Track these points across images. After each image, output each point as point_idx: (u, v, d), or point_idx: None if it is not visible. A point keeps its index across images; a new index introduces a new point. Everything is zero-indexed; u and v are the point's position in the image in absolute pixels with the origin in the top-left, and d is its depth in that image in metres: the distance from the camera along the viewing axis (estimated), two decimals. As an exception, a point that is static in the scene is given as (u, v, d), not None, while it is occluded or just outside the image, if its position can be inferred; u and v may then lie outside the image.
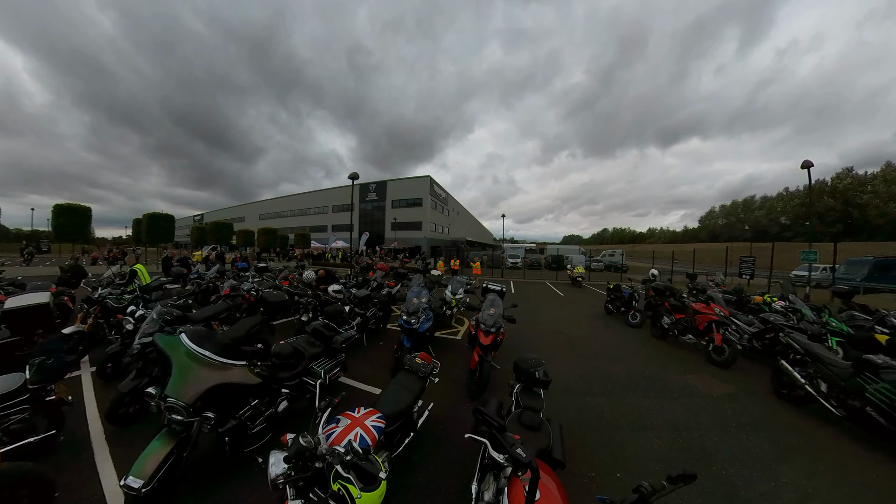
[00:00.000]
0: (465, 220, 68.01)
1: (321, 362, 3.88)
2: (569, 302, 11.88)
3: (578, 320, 8.82)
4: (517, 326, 7.65)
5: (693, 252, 20.12)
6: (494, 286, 7.30)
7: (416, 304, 4.99)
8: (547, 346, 6.38)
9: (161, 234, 24.21)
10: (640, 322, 8.15)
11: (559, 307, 10.74)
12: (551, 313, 9.64)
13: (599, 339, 7.01)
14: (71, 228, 21.73)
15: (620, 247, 72.78)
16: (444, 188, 51.34)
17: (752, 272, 15.49)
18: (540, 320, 8.58)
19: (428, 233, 43.44)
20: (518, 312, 9.52)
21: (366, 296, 6.36)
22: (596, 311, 10.09)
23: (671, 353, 6.17)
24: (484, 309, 4.61)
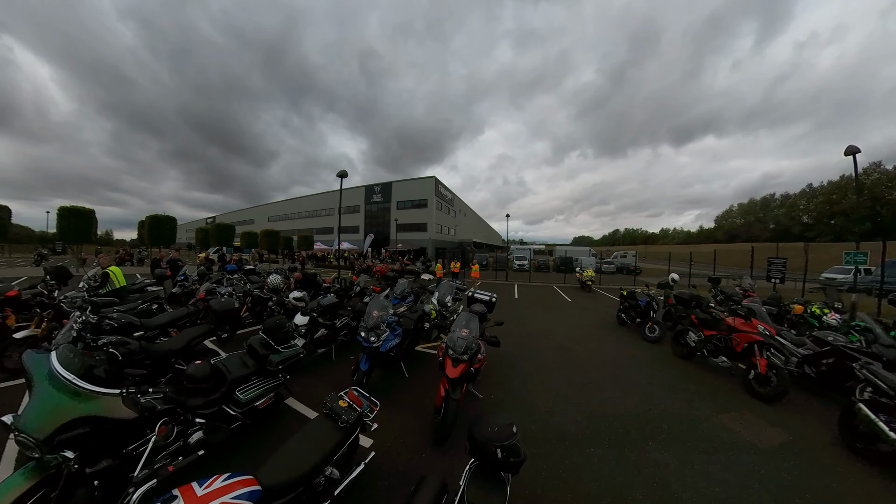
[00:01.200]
0: (472, 221, 66.99)
1: (252, 386, 3.24)
2: (577, 309, 10.80)
3: (587, 332, 7.76)
4: (514, 340, 6.73)
5: (713, 253, 18.64)
6: (482, 295, 6.38)
7: (375, 318, 4.10)
8: (547, 368, 5.35)
9: (163, 235, 24.15)
10: (659, 336, 7.06)
11: (566, 315, 9.68)
12: (556, 323, 8.60)
13: (611, 358, 5.95)
14: (75, 230, 21.83)
15: (633, 248, 70.61)
16: (450, 189, 50.51)
17: (782, 275, 14.06)
18: (542, 332, 7.56)
19: (433, 234, 42.64)
20: (519, 321, 8.57)
21: (333, 304, 5.48)
22: (607, 321, 9.00)
23: (699, 379, 5.08)
24: (454, 329, 3.63)
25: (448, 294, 6.56)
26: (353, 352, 5.60)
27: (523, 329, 7.76)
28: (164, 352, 3.91)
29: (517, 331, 7.56)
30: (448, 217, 49.87)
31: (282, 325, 3.90)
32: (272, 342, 3.74)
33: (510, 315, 9.33)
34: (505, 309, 10.22)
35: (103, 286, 6.70)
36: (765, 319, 4.83)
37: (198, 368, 2.89)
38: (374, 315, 4.12)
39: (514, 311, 10.00)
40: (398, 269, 20.81)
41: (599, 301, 12.89)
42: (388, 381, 4.63)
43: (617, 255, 39.58)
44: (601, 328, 8.26)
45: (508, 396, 4.27)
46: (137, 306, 5.85)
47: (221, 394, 2.95)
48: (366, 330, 4.05)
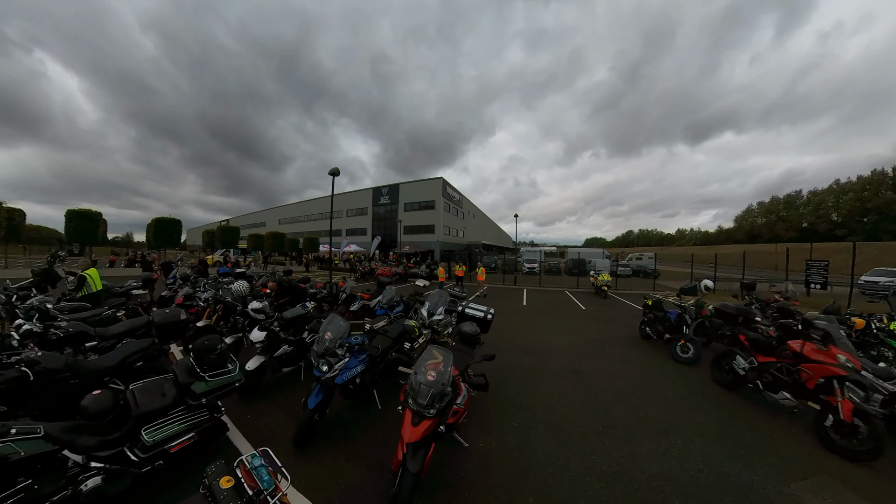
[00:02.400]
0: (481, 222, 65.89)
1: (167, 422, 2.64)
2: (592, 319, 9.71)
3: (604, 350, 6.70)
4: (518, 359, 5.76)
5: (742, 254, 17.17)
6: (475, 310, 5.40)
7: (329, 342, 3.24)
8: (555, 400, 4.34)
9: (168, 237, 24.22)
10: (694, 357, 5.97)
11: (579, 327, 8.62)
12: (568, 336, 7.56)
13: (636, 387, 4.90)
14: (82, 232, 22.29)
15: (649, 249, 68.33)
16: (458, 190, 49.63)
17: (824, 280, 12.62)
18: (552, 348, 6.55)
19: (441, 236, 41.80)
20: (525, 334, 7.50)
21: (298, 316, 4.65)
22: (628, 335, 7.91)
23: (755, 422, 3.99)
24: (417, 368, 2.61)
25: (440, 305, 5.64)
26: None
27: (529, 344, 6.77)
28: (93, 370, 3.26)
29: (522, 346, 6.58)
30: (456, 219, 48.97)
31: (212, 346, 3.07)
32: (198, 368, 2.95)
33: (516, 325, 8.33)
34: (511, 318, 9.23)
35: (79, 290, 6.55)
36: (847, 347, 3.73)
37: (94, 400, 2.39)
38: (327, 338, 3.26)
39: (521, 321, 8.99)
40: (401, 272, 20.05)
41: (617, 309, 11.73)
42: (353, 414, 3.78)
43: (632, 257, 37.89)
44: (621, 344, 7.19)
45: (502, 447, 3.31)
46: (101, 313, 5.26)
47: (123, 433, 2.41)
48: (316, 356, 3.20)
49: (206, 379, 2.95)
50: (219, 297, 6.69)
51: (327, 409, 3.35)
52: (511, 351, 6.23)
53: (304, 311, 4.70)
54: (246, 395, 4.21)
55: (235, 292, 5.76)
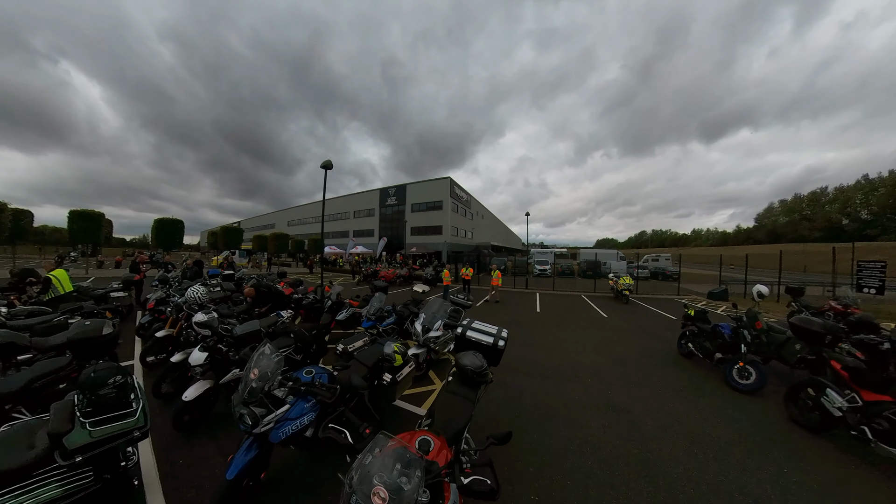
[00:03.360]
0: (490, 223, 64.66)
1: (30, 488, 1.84)
2: (617, 330, 8.51)
3: (640, 372, 5.54)
4: (535, 385, 4.58)
5: (780, 255, 15.59)
6: (481, 333, 3.61)
7: (256, 381, 2.26)
8: (586, 454, 3.24)
9: (170, 238, 24.03)
10: (757, 384, 4.77)
11: (604, 339, 7.44)
12: (593, 353, 6.40)
13: (693, 432, 3.73)
14: (85, 233, 22.33)
15: (665, 250, 66.03)
16: (466, 190, 48.57)
17: (881, 283, 11.10)
18: (575, 369, 5.41)
19: (448, 237, 40.77)
20: (542, 349, 6.19)
21: (252, 333, 3.67)
22: (663, 352, 6.72)
23: (872, 493, 2.84)
24: (363, 469, 1.39)
25: (437, 318, 4.59)
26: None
27: (548, 364, 5.65)
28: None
29: (539, 366, 5.47)
30: (464, 219, 47.90)
31: (102, 379, 2.11)
32: (79, 411, 2.02)
33: (530, 338, 7.21)
34: (524, 328, 8.11)
35: (45, 292, 6.22)
36: None
37: None
38: (254, 377, 2.25)
39: (536, 332, 7.86)
40: (406, 274, 19.07)
41: (643, 316, 10.47)
42: (305, 475, 2.75)
43: (648, 259, 36.12)
44: (659, 363, 6.00)
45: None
46: (51, 319, 4.67)
47: None
48: (242, 402, 2.19)
49: (87, 426, 2.01)
50: (182, 303, 5.84)
51: (262, 474, 2.35)
52: (525, 374, 5.13)
53: (257, 328, 3.71)
54: (186, 429, 3.31)
55: (188, 299, 4.85)
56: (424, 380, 4.66)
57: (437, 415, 2.29)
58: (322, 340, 4.82)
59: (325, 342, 4.92)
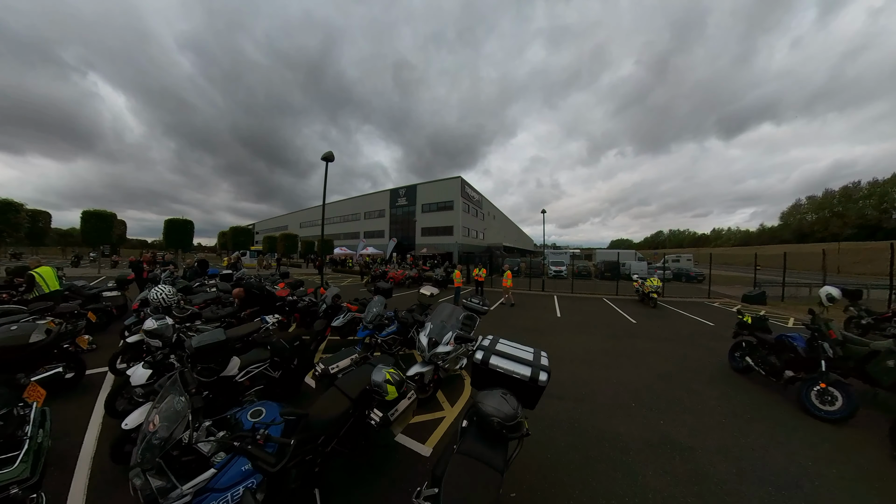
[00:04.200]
0: (501, 224, 63.51)
1: None
2: (650, 337, 7.53)
3: (690, 391, 4.59)
4: (567, 414, 3.52)
5: (822, 254, 14.17)
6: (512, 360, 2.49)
7: (158, 434, 1.53)
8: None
9: (180, 238, 24.15)
10: (846, 411, 3.80)
11: (639, 351, 6.48)
12: (630, 368, 5.47)
13: (778, 478, 2.83)
14: (97, 233, 22.64)
15: (685, 251, 63.55)
16: (477, 190, 47.68)
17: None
18: (614, 390, 4.51)
19: (460, 238, 39.95)
20: (568, 365, 5.41)
21: (214, 345, 2.93)
22: (709, 362, 5.76)
23: None
24: None
25: (447, 329, 3.80)
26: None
27: (580, 382, 4.77)
28: None
29: (570, 386, 4.58)
30: (475, 220, 47.00)
31: None
32: None
33: (554, 348, 6.31)
34: (546, 336, 7.22)
35: (29, 290, 6.11)
36: None
37: None
38: (153, 428, 1.51)
39: (560, 342, 6.96)
40: (415, 275, 18.33)
41: (675, 322, 9.41)
42: None
43: (668, 259, 34.47)
44: (711, 380, 5.04)
45: None
46: (18, 320, 4.16)
47: None
48: (138, 466, 1.45)
49: None
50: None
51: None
52: (555, 396, 4.27)
53: (223, 338, 2.97)
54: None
55: (150, 300, 4.22)
56: (431, 403, 3.87)
57: (447, 491, 1.50)
58: (307, 353, 4.08)
59: (310, 354, 4.18)
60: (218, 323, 5.82)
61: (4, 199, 20.91)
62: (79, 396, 3.94)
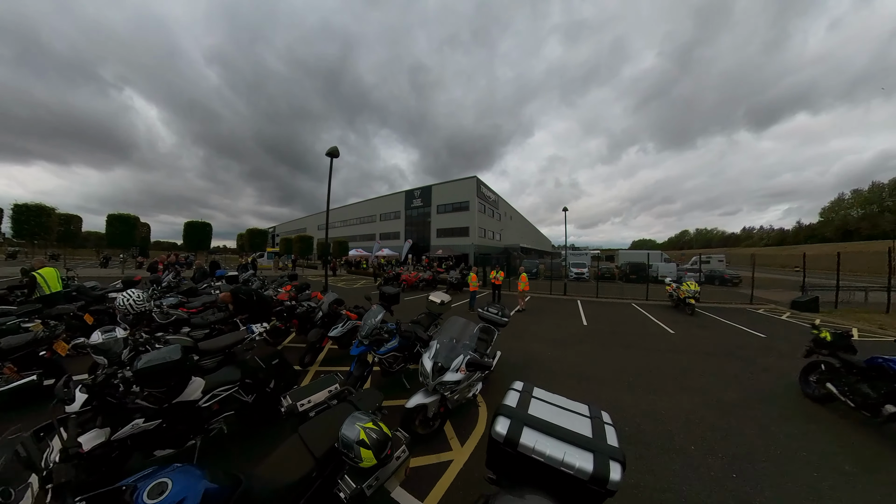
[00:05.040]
0: (519, 224, 62.18)
1: None
2: (694, 351, 6.57)
3: (762, 428, 3.69)
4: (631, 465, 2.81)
5: (888, 251, 12.51)
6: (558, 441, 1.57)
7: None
8: None
9: (199, 240, 24.81)
10: None
11: (684, 370, 5.57)
12: (679, 394, 4.59)
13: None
14: (121, 235, 23.65)
15: (715, 251, 60.25)
16: (493, 190, 46.74)
17: None
18: (665, 427, 3.67)
19: (476, 239, 39.16)
20: (608, 388, 4.35)
21: (163, 366, 2.35)
22: (772, 385, 4.80)
23: None
24: None
25: (457, 352, 3.10)
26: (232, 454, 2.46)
27: (623, 417, 3.93)
28: None
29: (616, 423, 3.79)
30: (492, 220, 46.05)
31: None
32: None
33: (585, 367, 5.48)
34: (572, 349, 6.37)
35: (31, 291, 6.10)
36: None
37: None
38: None
39: (590, 358, 6.12)
40: (429, 278, 17.72)
41: (719, 333, 8.34)
42: None
43: (697, 260, 32.36)
44: (784, 412, 4.11)
45: None
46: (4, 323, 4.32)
47: None
48: None
49: None
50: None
51: None
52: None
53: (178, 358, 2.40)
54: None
55: (118, 307, 3.82)
56: (436, 440, 3.19)
57: None
58: (288, 372, 3.52)
59: (291, 375, 3.61)
60: (207, 330, 5.39)
61: (37, 204, 21.88)
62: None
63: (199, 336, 5.25)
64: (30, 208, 21.87)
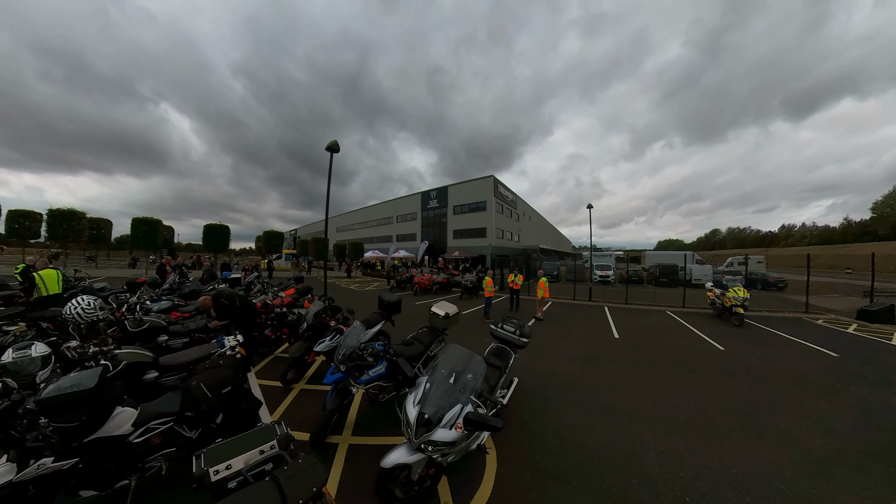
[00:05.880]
0: (538, 225, 60.44)
1: None
2: (753, 376, 5.41)
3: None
4: None
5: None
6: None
7: None
8: None
9: (218, 242, 25.24)
10: None
11: (748, 403, 4.46)
12: (752, 443, 3.52)
13: None
14: (144, 238, 24.43)
15: (751, 251, 56.29)
16: (511, 189, 45.47)
17: None
18: (739, 492, 2.70)
19: (493, 240, 38.08)
20: (652, 423, 3.22)
21: (78, 395, 1.71)
22: (877, 431, 3.64)
23: None
24: None
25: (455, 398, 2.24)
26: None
27: (676, 478, 2.96)
28: None
29: (662, 487, 2.82)
30: (510, 221, 44.79)
31: None
32: None
33: (623, 396, 4.46)
34: (606, 372, 5.32)
35: (30, 293, 6.20)
36: None
37: None
38: None
39: (630, 384, 5.11)
40: (442, 281, 16.90)
41: (779, 351, 7.07)
42: None
43: (733, 262, 29.84)
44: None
45: None
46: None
47: None
48: None
49: None
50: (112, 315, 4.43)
51: None
52: (643, 500, 2.58)
53: (92, 384, 1.78)
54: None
55: (67, 318, 3.34)
56: (427, 500, 2.38)
57: None
58: (245, 402, 2.83)
59: (251, 403, 2.91)
60: (187, 339, 4.85)
61: (69, 208, 22.86)
62: None
63: (178, 345, 4.74)
64: (62, 213, 22.94)
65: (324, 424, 3.06)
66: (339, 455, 3.09)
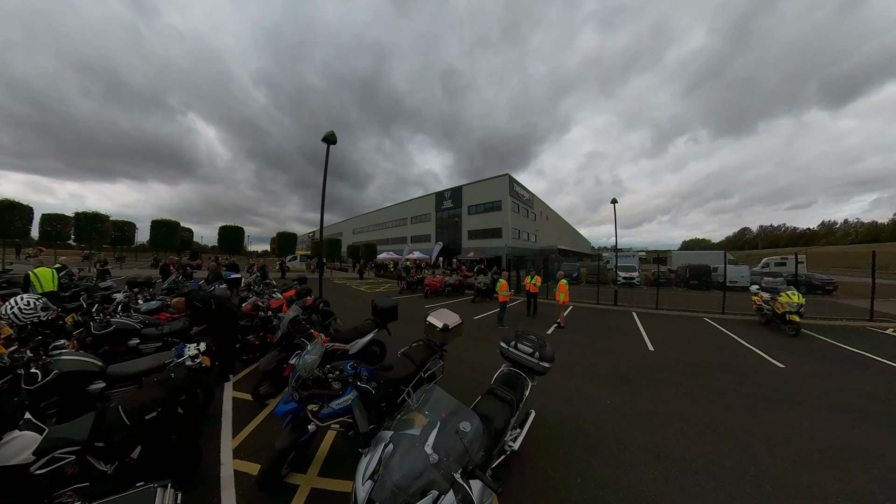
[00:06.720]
0: (555, 225, 58.74)
1: None
2: (830, 404, 4.38)
3: None
4: None
5: None
6: None
7: None
8: None
9: (233, 243, 25.81)
10: None
11: (836, 449, 3.49)
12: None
13: None
14: (163, 239, 25.04)
15: (788, 251, 52.62)
16: (526, 188, 44.24)
17: None
18: None
19: (509, 240, 37.04)
20: (714, 497, 2.54)
21: None
22: None
23: None
24: None
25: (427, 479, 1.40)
26: None
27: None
28: None
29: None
30: (526, 220, 43.55)
31: None
32: None
33: (665, 437, 3.55)
34: (643, 395, 4.38)
35: (26, 290, 6.17)
36: None
37: None
38: None
39: (672, 419, 4.19)
40: (455, 283, 16.12)
41: (852, 370, 5.92)
42: None
43: (769, 262, 27.56)
44: None
45: None
46: None
47: None
48: None
49: None
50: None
51: None
52: None
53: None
54: None
55: (2, 316, 2.90)
56: None
57: None
58: (179, 428, 2.23)
59: (186, 430, 2.30)
60: (159, 343, 4.36)
61: (93, 211, 23.64)
62: None
63: (150, 350, 4.27)
64: (88, 215, 23.79)
65: (274, 465, 2.40)
66: (296, 502, 2.42)
